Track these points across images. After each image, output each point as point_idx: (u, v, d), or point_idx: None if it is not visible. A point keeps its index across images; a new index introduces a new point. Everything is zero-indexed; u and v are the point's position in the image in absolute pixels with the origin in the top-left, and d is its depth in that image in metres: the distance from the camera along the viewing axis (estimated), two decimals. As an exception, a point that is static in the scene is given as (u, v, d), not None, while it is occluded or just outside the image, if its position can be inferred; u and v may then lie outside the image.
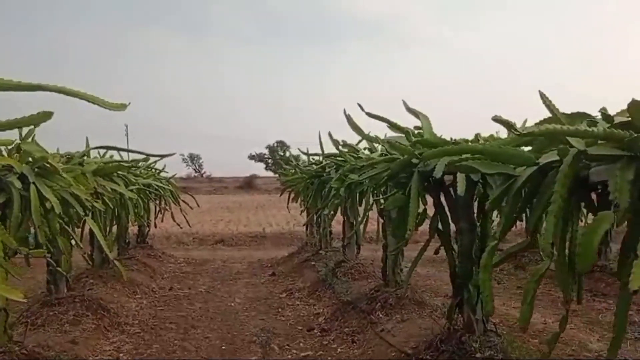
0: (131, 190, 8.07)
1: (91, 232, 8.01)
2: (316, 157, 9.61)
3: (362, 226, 6.33)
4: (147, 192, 9.34)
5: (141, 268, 9.78)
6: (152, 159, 11.30)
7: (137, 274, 9.25)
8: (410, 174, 4.15)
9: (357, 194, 6.16)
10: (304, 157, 11.78)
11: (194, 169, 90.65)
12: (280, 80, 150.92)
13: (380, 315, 5.71)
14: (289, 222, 20.98)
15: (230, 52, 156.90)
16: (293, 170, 11.46)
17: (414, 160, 4.10)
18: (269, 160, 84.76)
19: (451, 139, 4.10)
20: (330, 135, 5.80)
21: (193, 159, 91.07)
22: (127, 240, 10.29)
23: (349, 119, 5.69)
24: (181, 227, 13.70)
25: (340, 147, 5.80)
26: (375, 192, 6.01)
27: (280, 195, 12.44)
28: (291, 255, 12.00)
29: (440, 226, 4.37)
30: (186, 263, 12.06)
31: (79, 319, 5.65)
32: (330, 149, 8.35)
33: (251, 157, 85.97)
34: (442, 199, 4.23)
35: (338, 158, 6.40)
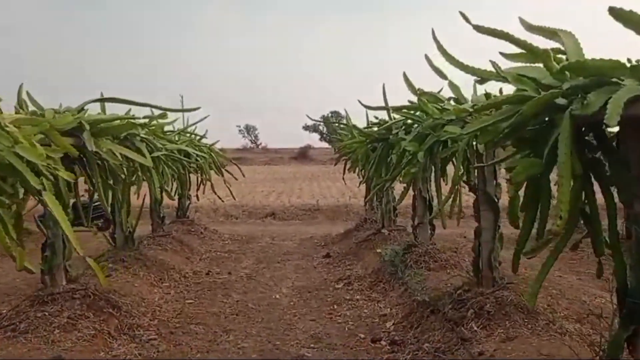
0: (157, 158, 6.74)
1: (114, 206, 6.81)
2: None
3: (447, 203, 4.67)
4: (181, 160, 7.99)
5: (176, 247, 8.52)
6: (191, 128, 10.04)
7: (170, 255, 7.99)
8: (551, 122, 2.49)
9: (440, 160, 4.52)
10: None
11: (250, 140, 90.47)
12: (334, 51, 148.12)
13: (475, 329, 4.10)
14: (344, 194, 19.47)
15: (284, 25, 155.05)
16: (350, 135, 9.86)
17: (559, 101, 2.43)
18: (323, 130, 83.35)
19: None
20: (405, 76, 4.15)
21: (249, 130, 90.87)
22: (161, 215, 9.04)
23: (429, 60, 4.04)
24: (223, 201, 12.43)
25: (419, 95, 4.15)
26: (467, 156, 4.34)
27: (335, 165, 10.90)
28: (348, 232, 10.49)
29: (588, 209, 2.69)
30: (231, 240, 10.78)
31: (75, 322, 4.35)
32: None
33: (305, 128, 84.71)
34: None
35: (410, 113, 4.75)
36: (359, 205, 16.23)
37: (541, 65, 2.62)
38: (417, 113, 4.67)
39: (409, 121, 6.17)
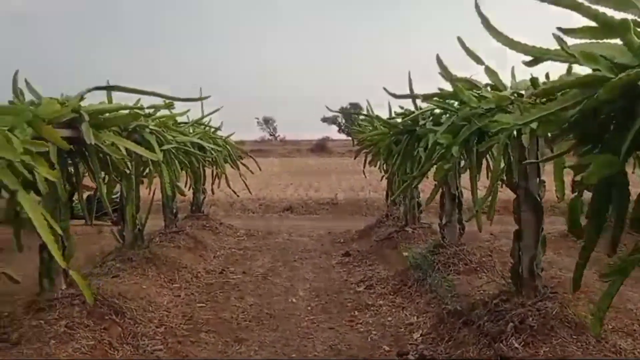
0: (168, 151, 6.36)
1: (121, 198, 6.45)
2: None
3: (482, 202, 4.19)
4: (195, 153, 7.59)
5: (190, 244, 8.15)
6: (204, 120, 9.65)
7: (182, 252, 7.62)
8: (631, 110, 2.01)
9: (476, 155, 4.04)
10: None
11: (269, 132, 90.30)
12: (352, 43, 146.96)
13: (516, 345, 3.63)
14: (363, 188, 19.00)
15: (303, 16, 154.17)
16: (371, 127, 9.38)
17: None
18: (342, 122, 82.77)
19: None
20: (439, 60, 3.67)
21: (267, 122, 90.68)
22: (174, 210, 8.68)
23: (462, 43, 3.56)
24: (238, 196, 12.06)
25: (454, 81, 3.65)
26: (509, 150, 3.87)
27: (355, 158, 10.42)
28: (368, 229, 10.03)
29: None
30: (247, 236, 10.39)
31: (73, 332, 3.97)
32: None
33: (324, 120, 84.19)
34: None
35: (441, 101, 4.25)
36: (379, 199, 15.74)
37: (616, 40, 2.14)
38: (451, 102, 4.18)
39: (437, 111, 5.71)
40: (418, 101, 6.27)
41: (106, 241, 8.60)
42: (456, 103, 4.29)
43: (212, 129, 9.86)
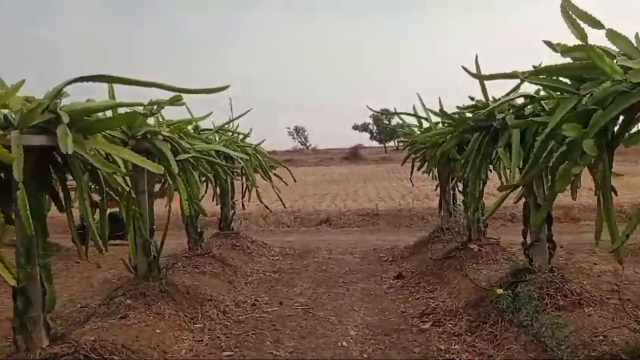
0: (186, 161, 5.28)
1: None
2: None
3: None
4: (219, 163, 6.49)
5: (216, 269, 7.04)
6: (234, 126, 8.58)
7: (207, 280, 6.52)
8: None
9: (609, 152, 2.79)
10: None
11: (300, 142, 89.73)
12: (383, 50, 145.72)
13: None
14: (404, 196, 17.69)
15: (331, 25, 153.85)
16: (417, 130, 8.14)
17: None
18: (373, 129, 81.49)
19: None
20: (568, 5, 2.44)
21: (298, 131, 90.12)
22: (198, 230, 7.59)
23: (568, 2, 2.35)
24: (271, 211, 10.98)
25: (587, 49, 2.44)
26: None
27: (402, 165, 9.18)
28: (420, 244, 8.77)
29: None
30: (282, 255, 9.24)
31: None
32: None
33: (355, 128, 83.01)
34: None
35: (553, 79, 3.02)
36: (425, 209, 14.44)
37: None
38: (564, 80, 2.95)
39: (519, 101, 4.50)
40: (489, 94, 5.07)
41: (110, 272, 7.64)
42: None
43: (240, 136, 8.80)
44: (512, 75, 3.21)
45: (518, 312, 4.35)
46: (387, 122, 79.52)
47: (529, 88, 4.47)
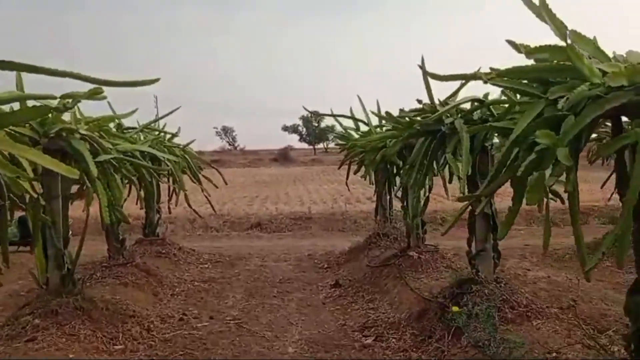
0: (103, 162, 4.72)
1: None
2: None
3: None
4: (144, 165, 5.93)
5: (140, 279, 6.46)
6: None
7: (130, 292, 5.95)
8: None
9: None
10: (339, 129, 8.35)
11: (228, 142, 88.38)
12: (311, 52, 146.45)
13: None
14: (336, 200, 17.53)
15: (261, 26, 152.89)
16: (355, 133, 7.91)
17: None
18: (303, 131, 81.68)
19: None
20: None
21: (226, 131, 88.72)
22: (120, 237, 6.95)
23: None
24: (201, 217, 10.45)
25: (570, 38, 2.23)
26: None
27: (339, 168, 8.94)
28: (356, 250, 8.53)
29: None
30: (211, 262, 8.72)
31: None
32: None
33: (285, 129, 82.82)
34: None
35: (513, 81, 2.80)
36: (357, 212, 14.31)
37: None
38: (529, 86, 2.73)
39: (466, 106, 4.32)
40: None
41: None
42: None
43: (168, 136, 8.22)
44: (473, 77, 2.97)
45: (467, 326, 4.15)
46: (316, 125, 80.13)
47: (478, 90, 4.31)
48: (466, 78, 2.97)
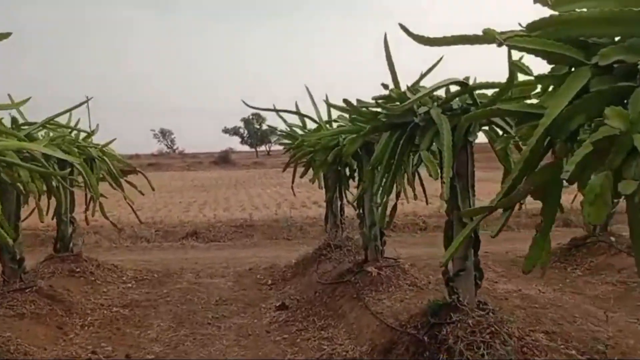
0: None
1: None
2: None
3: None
4: (41, 170, 4.74)
5: (42, 309, 5.26)
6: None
7: (27, 326, 4.77)
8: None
9: None
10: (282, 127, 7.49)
11: (166, 145, 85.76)
12: (248, 52, 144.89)
13: None
14: (280, 205, 16.51)
15: (197, 27, 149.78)
16: (301, 132, 6.97)
17: None
18: (244, 133, 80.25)
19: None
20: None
21: (165, 134, 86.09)
22: (17, 257, 5.68)
23: None
24: (118, 228, 9.24)
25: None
26: None
27: (284, 171, 7.97)
28: (303, 263, 7.57)
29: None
30: (136, 280, 7.52)
31: None
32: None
33: (225, 131, 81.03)
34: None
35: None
36: (302, 218, 13.37)
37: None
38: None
39: (453, 88, 3.50)
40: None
41: None
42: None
43: (82, 134, 7.00)
44: (480, 39, 2.08)
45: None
46: (258, 127, 78.65)
47: (445, 75, 3.45)
48: (469, 41, 2.07)
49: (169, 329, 5.34)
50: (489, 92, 3.51)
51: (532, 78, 2.45)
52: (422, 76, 3.95)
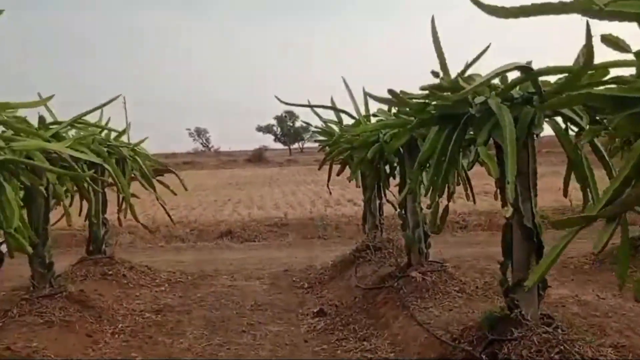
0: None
1: None
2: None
3: None
4: (78, 171, 4.53)
5: (72, 316, 5.04)
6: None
7: (55, 335, 4.57)
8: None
9: None
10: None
11: (201, 143, 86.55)
12: (283, 53, 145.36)
13: None
14: (314, 203, 16.19)
15: (234, 27, 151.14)
16: (337, 128, 6.61)
17: None
18: (277, 131, 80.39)
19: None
20: None
21: (200, 132, 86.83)
22: (47, 261, 5.50)
23: None
24: (150, 231, 9.06)
25: None
26: None
27: (319, 169, 7.63)
28: (341, 265, 7.23)
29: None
30: (170, 283, 7.31)
31: None
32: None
33: (259, 129, 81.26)
34: None
35: None
36: (337, 216, 13.02)
37: None
38: None
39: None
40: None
41: None
42: None
43: (114, 134, 6.81)
44: (567, 8, 1.69)
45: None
46: (291, 124, 78.68)
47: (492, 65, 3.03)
48: (555, 10, 1.68)
49: (202, 337, 5.07)
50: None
51: (612, 60, 2.05)
52: (468, 65, 3.54)
